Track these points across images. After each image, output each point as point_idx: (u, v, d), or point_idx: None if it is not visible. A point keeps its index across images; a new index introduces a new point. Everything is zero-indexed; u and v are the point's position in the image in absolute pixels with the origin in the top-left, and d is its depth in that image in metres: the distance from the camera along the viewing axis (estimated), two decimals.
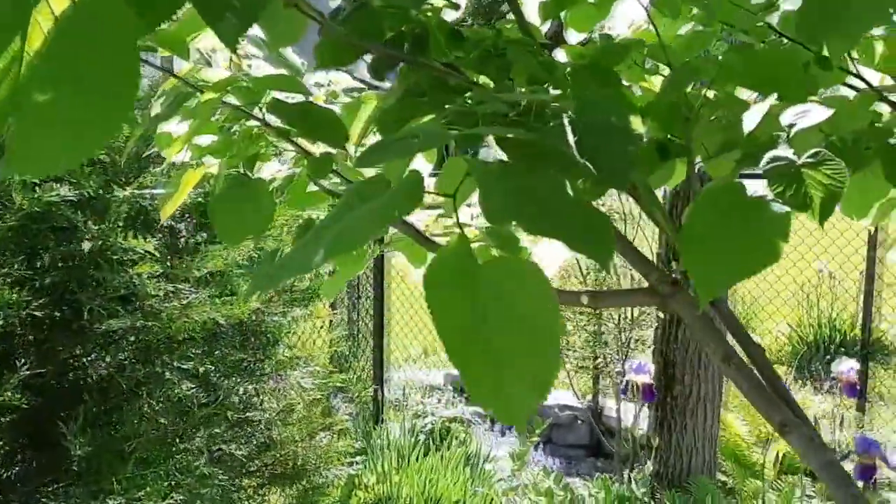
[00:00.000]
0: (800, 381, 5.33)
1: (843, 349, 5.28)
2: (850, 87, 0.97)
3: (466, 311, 0.62)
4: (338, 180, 1.20)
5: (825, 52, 1.17)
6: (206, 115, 1.14)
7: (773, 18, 1.11)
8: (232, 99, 1.15)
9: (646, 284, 1.10)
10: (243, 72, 1.24)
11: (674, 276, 1.08)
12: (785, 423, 0.93)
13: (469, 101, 0.92)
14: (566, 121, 0.78)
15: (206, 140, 1.24)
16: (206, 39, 1.12)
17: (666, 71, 1.41)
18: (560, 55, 1.32)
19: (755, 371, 1.09)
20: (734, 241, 0.79)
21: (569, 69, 1.11)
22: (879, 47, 1.27)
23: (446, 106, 0.87)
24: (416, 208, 0.68)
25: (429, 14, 1.01)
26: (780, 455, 3.86)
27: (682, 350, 3.67)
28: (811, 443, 0.92)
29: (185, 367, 2.46)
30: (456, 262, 0.65)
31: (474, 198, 0.71)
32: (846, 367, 3.08)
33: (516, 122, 0.85)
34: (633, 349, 3.93)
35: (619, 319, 3.89)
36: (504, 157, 0.79)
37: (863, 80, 0.94)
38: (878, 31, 1.09)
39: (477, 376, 0.60)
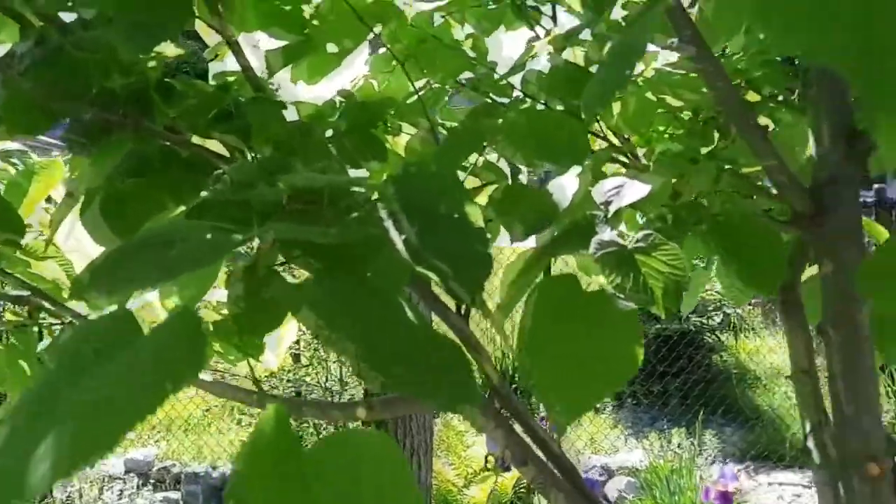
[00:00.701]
0: None
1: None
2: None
3: None
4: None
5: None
6: None
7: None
8: None
9: None
10: None
11: None
12: None
13: (223, 182, 0.68)
14: (383, 213, 0.58)
15: None
16: None
17: (411, 129, 1.27)
18: (291, 113, 1.11)
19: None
20: (585, 356, 0.65)
21: (331, 132, 0.91)
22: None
23: (202, 192, 0.62)
24: (198, 373, 0.43)
25: (151, 65, 0.75)
26: (490, 491, 3.93)
27: None
28: None
29: None
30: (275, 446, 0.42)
31: None
32: None
33: (302, 212, 0.64)
34: None
35: (325, 380, 3.70)
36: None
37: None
38: None
39: None
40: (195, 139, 0.84)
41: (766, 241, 0.74)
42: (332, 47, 1.16)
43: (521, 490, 4.05)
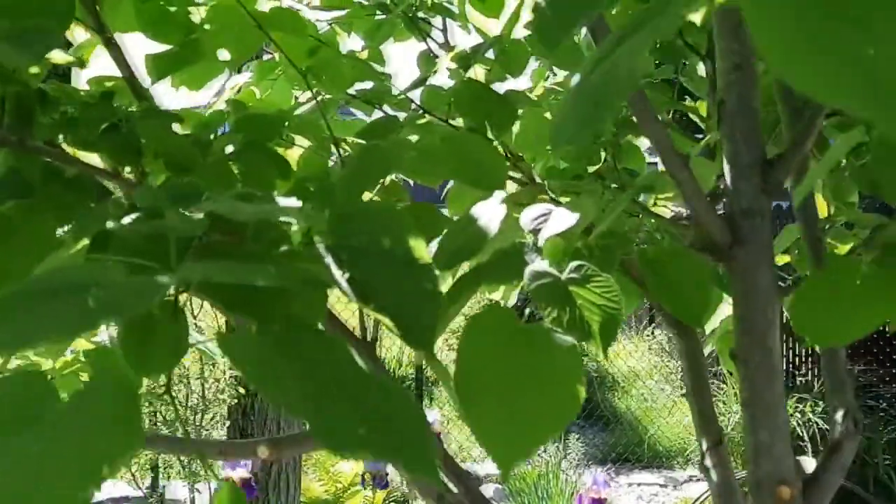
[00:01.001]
0: None
1: None
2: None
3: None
4: None
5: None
6: None
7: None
8: None
9: None
10: None
11: None
12: None
13: (119, 208, 0.60)
14: (321, 247, 0.52)
15: None
16: None
17: (304, 143, 1.21)
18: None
19: None
20: (522, 397, 0.62)
21: (231, 149, 0.84)
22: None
23: (106, 222, 0.54)
24: (132, 453, 0.37)
25: (33, 71, 0.65)
26: None
27: (260, 422, 3.45)
28: None
29: None
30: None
31: None
32: None
33: (220, 245, 0.57)
34: (209, 429, 3.58)
35: (186, 400, 3.51)
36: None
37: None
38: None
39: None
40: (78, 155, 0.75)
41: (692, 272, 0.74)
42: (224, 54, 1.08)
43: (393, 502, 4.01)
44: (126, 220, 0.57)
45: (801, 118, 0.88)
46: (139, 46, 1.09)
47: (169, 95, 1.37)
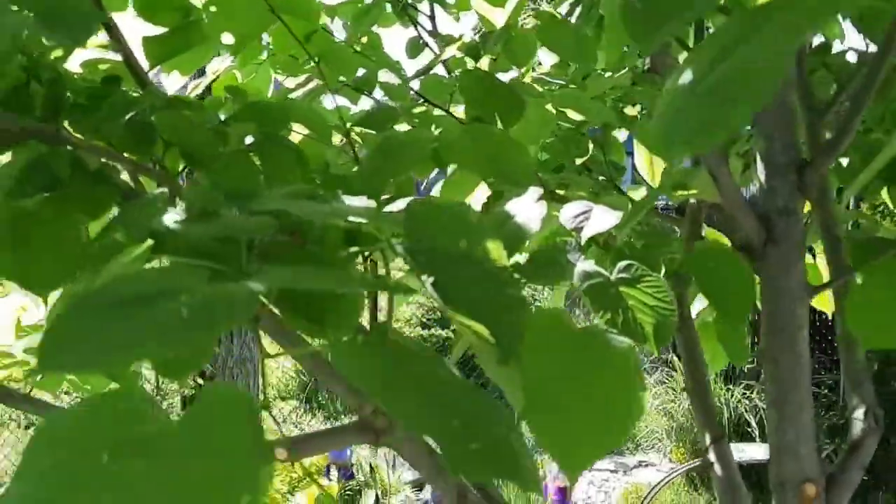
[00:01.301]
0: (309, 413, 5.43)
1: None
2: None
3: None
4: None
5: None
6: None
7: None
8: None
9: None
10: None
11: None
12: None
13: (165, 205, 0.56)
14: (400, 250, 0.49)
15: None
16: None
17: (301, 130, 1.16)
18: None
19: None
20: (583, 404, 0.60)
21: (252, 140, 0.80)
22: None
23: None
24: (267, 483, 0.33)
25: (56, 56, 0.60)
26: (316, 497, 3.82)
27: None
28: None
29: None
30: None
31: None
32: None
33: (283, 247, 0.53)
34: None
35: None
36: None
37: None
38: None
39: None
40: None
41: (735, 271, 0.73)
42: (227, 38, 1.03)
43: (348, 494, 3.98)
44: (173, 218, 0.53)
45: (821, 118, 0.88)
46: (129, 29, 1.03)
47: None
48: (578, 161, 1.56)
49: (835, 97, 0.91)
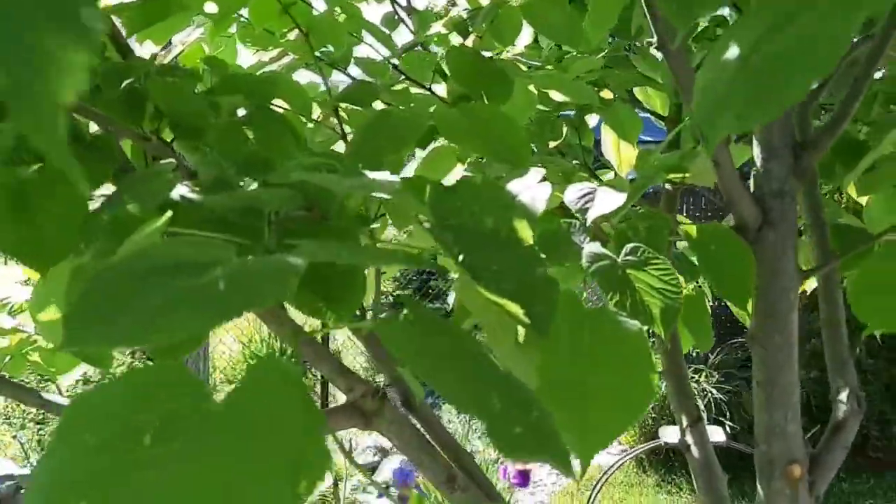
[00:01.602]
0: None
1: None
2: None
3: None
4: None
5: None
6: None
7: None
8: None
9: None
10: None
11: (382, 389, 0.84)
12: None
13: (176, 177, 0.53)
14: (428, 227, 0.48)
15: None
16: None
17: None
18: None
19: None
20: (597, 384, 0.59)
21: (243, 112, 0.77)
22: None
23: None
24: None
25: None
26: None
27: None
28: None
29: None
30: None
31: None
32: None
33: (304, 221, 0.51)
34: None
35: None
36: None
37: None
38: None
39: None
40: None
41: (736, 253, 0.73)
42: (210, 6, 0.99)
43: None
44: (184, 190, 0.50)
45: (809, 105, 0.88)
46: None
47: None
48: (552, 144, 1.56)
49: (820, 85, 0.92)
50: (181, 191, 0.49)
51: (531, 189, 0.73)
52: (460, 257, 0.47)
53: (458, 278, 0.48)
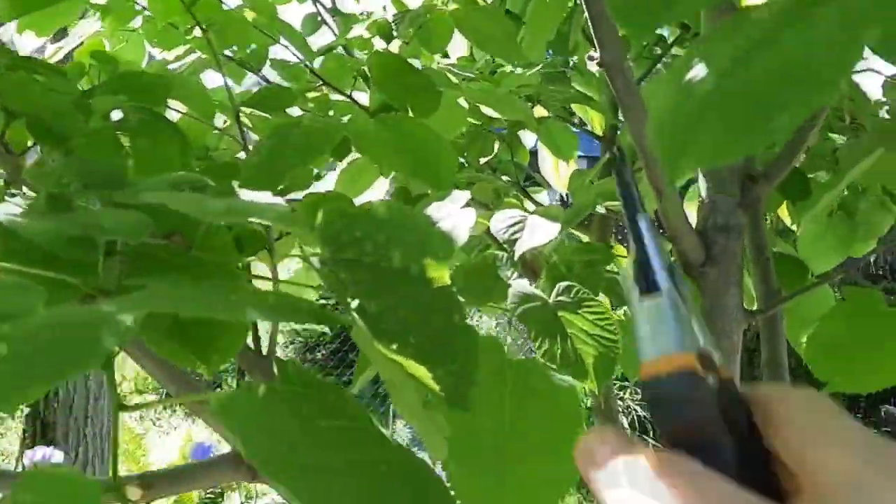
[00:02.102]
0: (170, 410, 5.14)
1: None
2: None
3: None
4: None
5: None
6: None
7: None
8: None
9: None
10: None
11: None
12: None
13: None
14: (315, 262, 0.38)
15: None
16: None
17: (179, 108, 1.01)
18: None
19: None
20: (523, 463, 0.50)
21: (119, 114, 0.66)
22: None
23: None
24: None
25: None
26: (174, 500, 3.59)
27: (64, 413, 3.10)
28: None
29: None
30: None
31: None
32: None
33: (157, 253, 0.41)
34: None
35: None
36: None
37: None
38: None
39: None
40: None
41: None
42: None
43: (209, 498, 3.77)
44: (8, 210, 0.39)
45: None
46: None
47: None
48: (483, 160, 1.47)
49: None
50: (5, 211, 0.38)
51: (453, 215, 0.64)
52: (355, 302, 0.38)
53: (354, 329, 0.39)
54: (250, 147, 0.83)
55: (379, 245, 0.41)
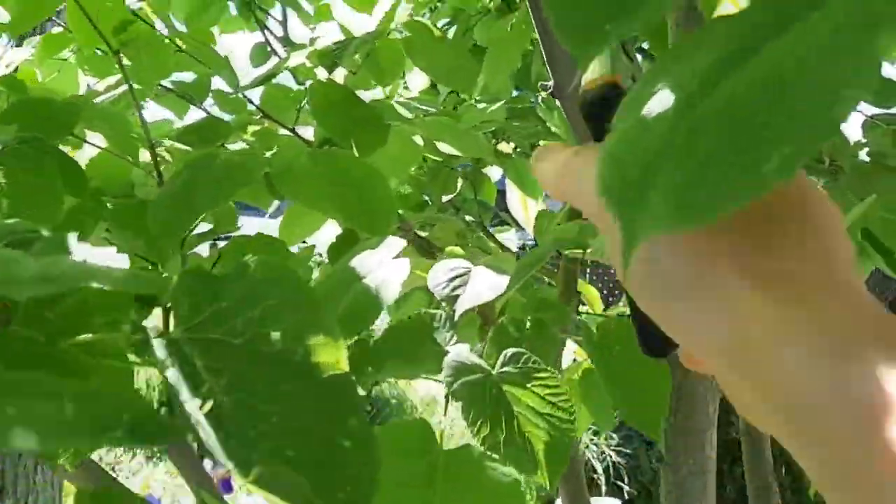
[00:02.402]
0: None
1: None
2: None
3: None
4: None
5: None
6: None
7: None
8: None
9: None
10: None
11: None
12: None
13: None
14: (161, 351, 0.29)
15: None
16: None
17: (99, 142, 0.92)
18: None
19: None
20: None
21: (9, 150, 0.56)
22: None
23: None
24: None
25: None
26: None
27: (14, 457, 2.93)
28: None
29: None
30: None
31: None
32: None
33: None
34: None
35: None
36: None
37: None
38: None
39: None
40: None
41: (644, 364, 0.57)
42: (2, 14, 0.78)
43: None
44: None
45: None
46: None
47: None
48: (445, 198, 1.39)
49: None
50: None
51: (383, 267, 0.55)
52: (208, 404, 0.28)
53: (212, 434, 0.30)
54: None
55: (252, 320, 0.31)
